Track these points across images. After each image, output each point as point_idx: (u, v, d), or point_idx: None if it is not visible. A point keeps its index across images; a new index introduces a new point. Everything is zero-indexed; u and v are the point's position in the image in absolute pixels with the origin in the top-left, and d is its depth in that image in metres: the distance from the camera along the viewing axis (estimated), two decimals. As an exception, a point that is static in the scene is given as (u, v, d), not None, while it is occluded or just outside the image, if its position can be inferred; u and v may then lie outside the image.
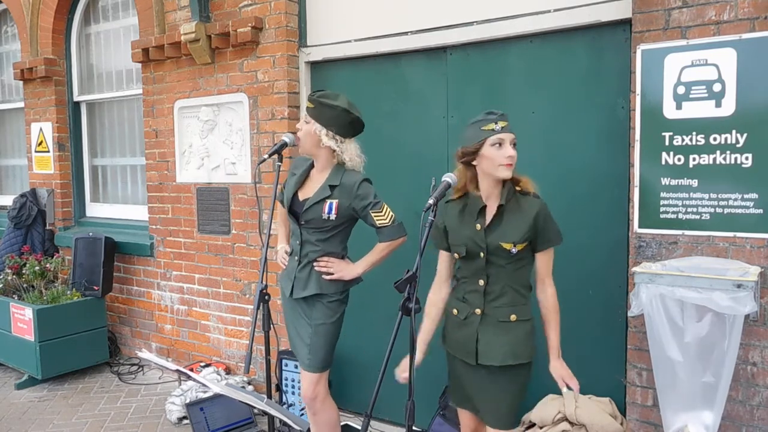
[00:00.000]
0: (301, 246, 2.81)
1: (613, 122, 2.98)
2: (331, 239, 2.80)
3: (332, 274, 2.76)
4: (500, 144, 2.21)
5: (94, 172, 5.58)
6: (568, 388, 2.30)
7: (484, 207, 2.29)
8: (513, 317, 2.26)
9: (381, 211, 2.73)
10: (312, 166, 2.86)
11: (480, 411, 2.37)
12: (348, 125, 2.72)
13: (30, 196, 5.45)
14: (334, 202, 2.71)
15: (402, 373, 2.33)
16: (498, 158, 2.20)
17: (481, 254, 2.26)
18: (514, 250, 2.22)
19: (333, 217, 2.72)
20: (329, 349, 2.85)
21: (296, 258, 2.83)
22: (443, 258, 2.46)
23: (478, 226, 2.27)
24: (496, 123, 2.22)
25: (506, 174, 2.22)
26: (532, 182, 2.31)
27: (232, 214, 4.30)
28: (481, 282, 2.29)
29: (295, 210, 2.80)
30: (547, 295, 2.33)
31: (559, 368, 2.32)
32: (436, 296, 2.47)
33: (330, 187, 2.72)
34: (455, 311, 2.38)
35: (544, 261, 2.31)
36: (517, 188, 2.28)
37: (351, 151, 2.76)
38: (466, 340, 2.32)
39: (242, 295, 4.31)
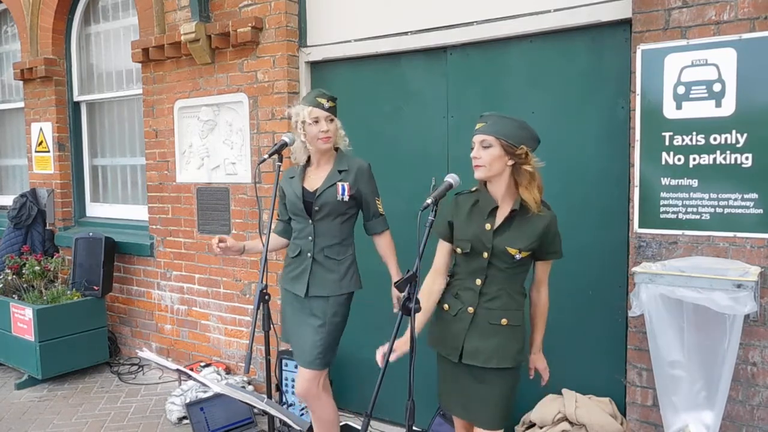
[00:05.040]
0: (314, 242, 2.82)
1: (613, 122, 2.99)
2: (344, 226, 2.85)
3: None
4: (473, 146, 2.25)
5: (94, 172, 5.58)
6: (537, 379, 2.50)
7: (496, 208, 2.27)
8: (504, 321, 2.26)
9: (380, 200, 2.92)
10: (306, 167, 2.91)
11: (468, 411, 2.35)
12: None
13: (30, 196, 5.45)
14: (346, 184, 2.80)
15: (380, 355, 2.20)
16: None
17: (485, 254, 2.25)
18: (518, 256, 2.22)
19: (347, 198, 2.79)
20: (335, 346, 2.89)
21: (309, 255, 2.83)
22: (443, 250, 2.41)
23: (488, 226, 2.25)
24: (476, 125, 2.26)
25: (476, 174, 2.25)
26: (535, 197, 2.22)
27: (232, 214, 4.30)
28: (478, 281, 2.28)
29: (307, 201, 2.82)
30: (540, 296, 2.42)
31: (537, 360, 2.51)
32: (431, 287, 2.38)
33: (339, 171, 2.83)
34: (446, 306, 2.36)
35: (544, 269, 2.39)
36: (522, 202, 2.23)
37: (342, 134, 2.91)
38: (454, 336, 2.31)
39: (242, 295, 4.31)
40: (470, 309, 2.29)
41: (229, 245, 2.90)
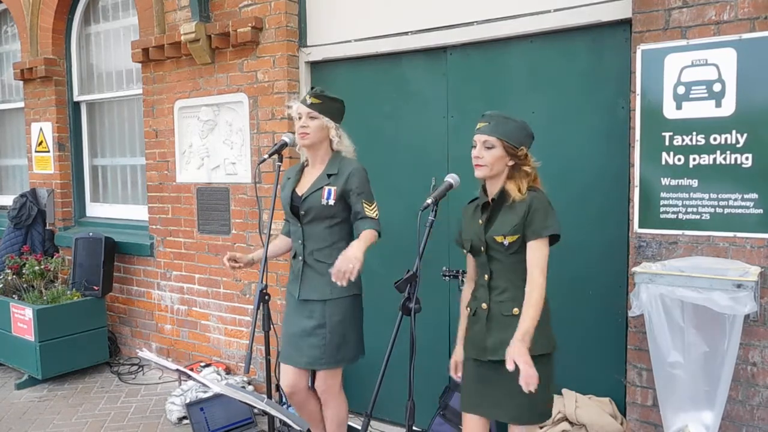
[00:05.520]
0: (304, 245, 2.81)
1: (613, 122, 2.99)
2: (334, 230, 2.80)
3: (347, 277, 2.57)
4: (474, 145, 2.27)
5: (94, 172, 5.58)
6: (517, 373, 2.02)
7: (487, 203, 2.32)
8: (515, 311, 2.25)
9: (371, 205, 2.78)
10: (304, 166, 2.91)
11: (500, 408, 2.31)
12: (342, 114, 2.86)
13: (30, 196, 5.45)
14: (333, 188, 2.76)
15: (455, 368, 2.47)
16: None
17: (482, 249, 2.29)
18: (506, 242, 2.24)
19: (332, 202, 2.75)
20: (345, 344, 2.83)
21: (300, 258, 2.83)
22: (469, 258, 2.47)
23: (480, 222, 2.31)
24: (478, 124, 2.29)
25: (476, 173, 2.27)
26: (521, 186, 2.25)
27: (232, 214, 4.30)
28: (486, 277, 2.31)
29: (294, 205, 2.82)
30: (531, 285, 2.18)
31: (515, 351, 2.04)
32: (466, 293, 2.50)
33: (328, 175, 2.79)
34: (468, 309, 2.41)
35: (531, 251, 2.21)
36: (505, 188, 2.28)
37: (346, 139, 2.87)
38: (477, 336, 2.33)
39: (242, 295, 4.31)
40: (483, 305, 2.31)
41: (237, 258, 2.91)
